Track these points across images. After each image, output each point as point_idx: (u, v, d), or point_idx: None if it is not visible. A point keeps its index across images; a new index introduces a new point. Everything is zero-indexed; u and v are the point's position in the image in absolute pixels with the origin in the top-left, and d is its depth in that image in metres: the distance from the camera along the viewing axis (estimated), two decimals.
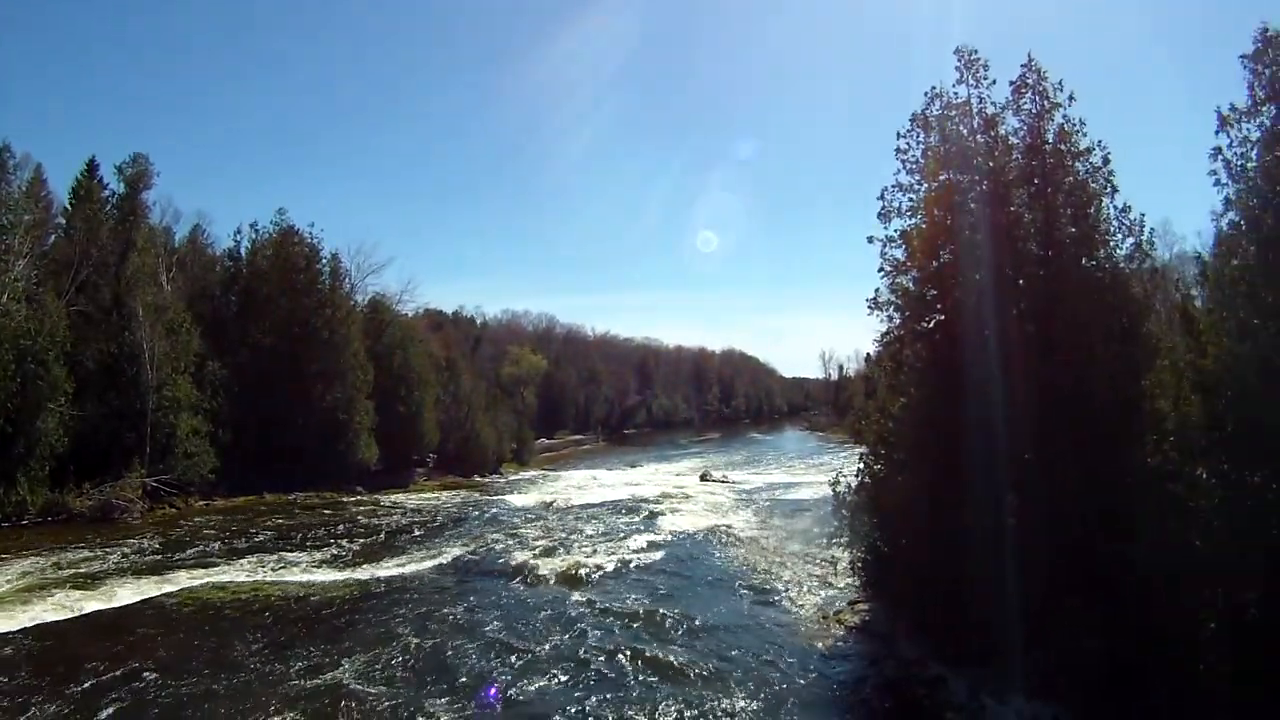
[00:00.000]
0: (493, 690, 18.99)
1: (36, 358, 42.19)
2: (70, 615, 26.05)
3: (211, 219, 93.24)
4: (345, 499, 55.18)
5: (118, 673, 20.87)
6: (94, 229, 51.32)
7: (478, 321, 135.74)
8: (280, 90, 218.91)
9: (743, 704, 19.38)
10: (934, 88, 22.11)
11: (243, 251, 65.55)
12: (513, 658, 22.75)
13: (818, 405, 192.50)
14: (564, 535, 42.00)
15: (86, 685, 20.05)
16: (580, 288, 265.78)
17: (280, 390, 57.22)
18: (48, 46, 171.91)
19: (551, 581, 32.08)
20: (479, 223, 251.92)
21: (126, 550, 35.51)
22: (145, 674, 20.80)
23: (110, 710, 18.74)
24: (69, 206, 54.22)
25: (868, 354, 37.59)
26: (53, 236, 52.52)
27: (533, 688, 20.62)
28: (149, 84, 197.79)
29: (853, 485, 25.32)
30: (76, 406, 44.48)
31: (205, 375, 53.02)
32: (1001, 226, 20.66)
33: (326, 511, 49.57)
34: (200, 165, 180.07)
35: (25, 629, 24.38)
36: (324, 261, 65.71)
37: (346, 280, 68.88)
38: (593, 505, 54.48)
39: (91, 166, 55.18)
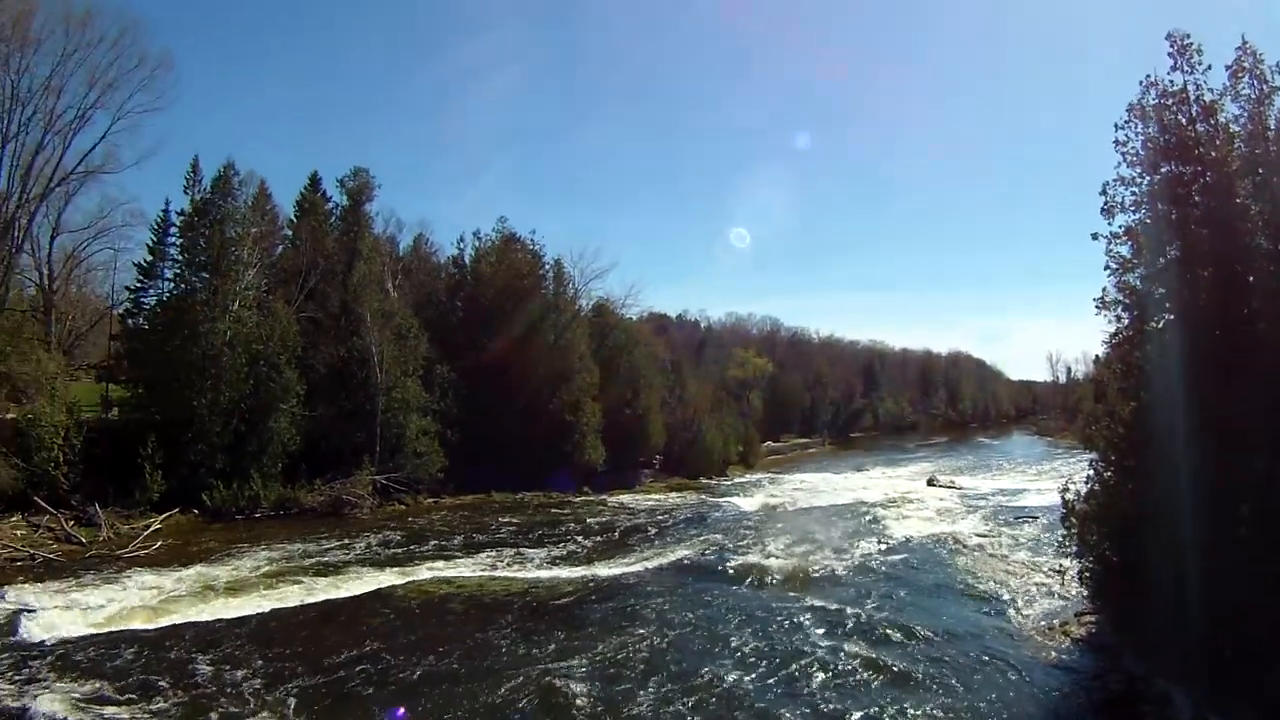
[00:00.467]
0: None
1: (269, 361, 45.25)
2: (309, 601, 28.33)
3: (432, 228, 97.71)
4: (573, 499, 56.94)
5: (356, 653, 22.86)
6: (319, 239, 54.17)
7: (701, 324, 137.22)
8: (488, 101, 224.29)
9: (967, 715, 19.30)
10: (1148, 76, 21.14)
11: (466, 259, 68.68)
12: (738, 656, 23.42)
13: (1046, 409, 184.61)
14: (790, 539, 42.21)
15: (330, 662, 22.15)
16: (802, 289, 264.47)
17: (507, 392, 59.09)
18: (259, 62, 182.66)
19: (777, 584, 32.51)
20: (701, 226, 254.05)
21: (358, 543, 37.71)
22: (383, 655, 22.74)
23: (354, 684, 20.75)
24: (294, 219, 57.51)
25: (1096, 356, 36.03)
26: (280, 248, 55.51)
27: (758, 687, 21.16)
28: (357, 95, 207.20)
29: (1082, 493, 24.27)
30: (308, 407, 47.16)
31: (434, 378, 55.24)
32: (1227, 220, 19.49)
33: (555, 510, 51.33)
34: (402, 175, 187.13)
35: (271, 611, 26.74)
36: (547, 267, 67.95)
37: (570, 285, 70.79)
38: (819, 509, 54.61)
39: (314, 181, 58.84)
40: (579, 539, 41.42)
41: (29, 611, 24.74)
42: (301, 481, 45.16)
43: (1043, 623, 26.50)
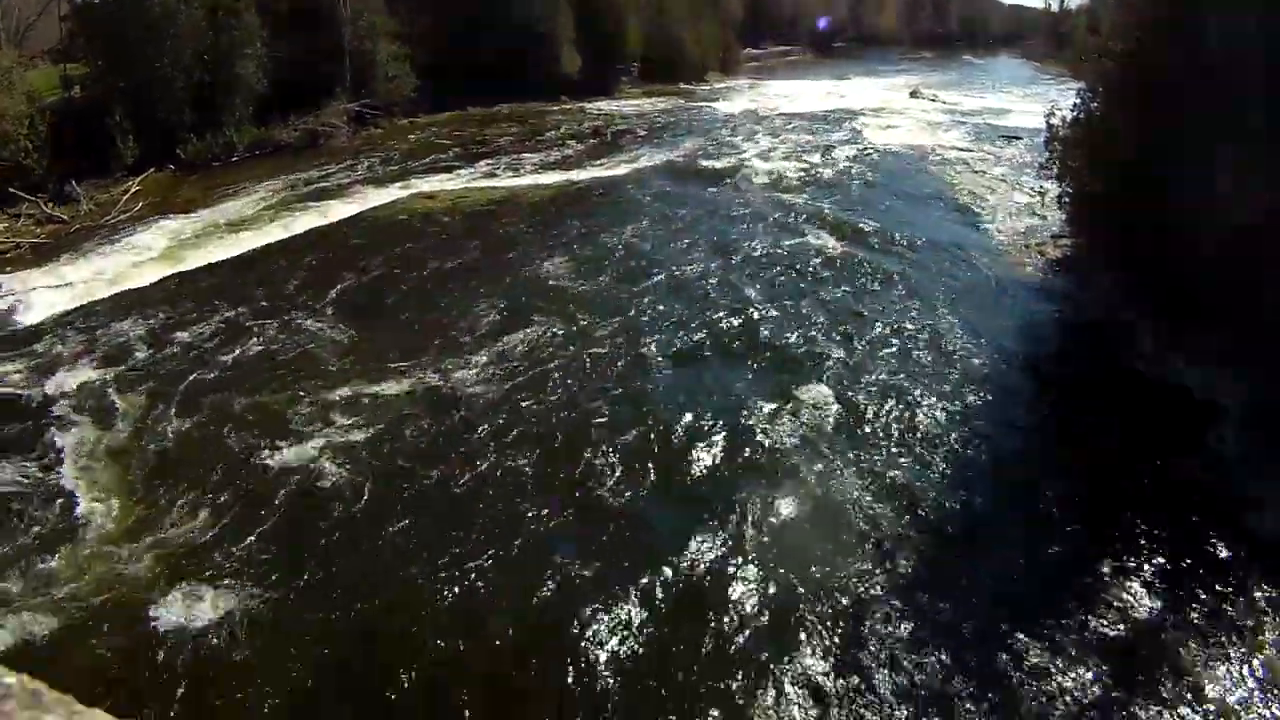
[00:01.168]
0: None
1: (226, 8, 42.37)
2: (322, 223, 28.78)
3: None
4: (550, 107, 56.06)
5: (382, 258, 24.62)
6: None
7: None
8: None
9: (943, 317, 21.05)
10: None
11: None
12: (725, 250, 25.71)
13: (1036, 34, 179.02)
14: (772, 143, 43.30)
15: (363, 266, 23.97)
16: None
17: (477, 6, 56.04)
18: None
19: (761, 185, 34.02)
20: None
21: (349, 168, 37.26)
22: (407, 260, 24.65)
23: (390, 285, 22.80)
24: None
25: None
26: None
27: (741, 281, 23.30)
28: None
29: (1067, 119, 24.86)
30: (273, 49, 44.51)
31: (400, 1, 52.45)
32: None
33: (531, 121, 51.07)
34: None
35: (289, 238, 27.18)
36: None
37: None
38: (800, 114, 54.97)
39: None
40: (570, 143, 42.24)
41: (45, 289, 22.98)
42: (275, 122, 43.68)
43: (1020, 240, 27.99)
